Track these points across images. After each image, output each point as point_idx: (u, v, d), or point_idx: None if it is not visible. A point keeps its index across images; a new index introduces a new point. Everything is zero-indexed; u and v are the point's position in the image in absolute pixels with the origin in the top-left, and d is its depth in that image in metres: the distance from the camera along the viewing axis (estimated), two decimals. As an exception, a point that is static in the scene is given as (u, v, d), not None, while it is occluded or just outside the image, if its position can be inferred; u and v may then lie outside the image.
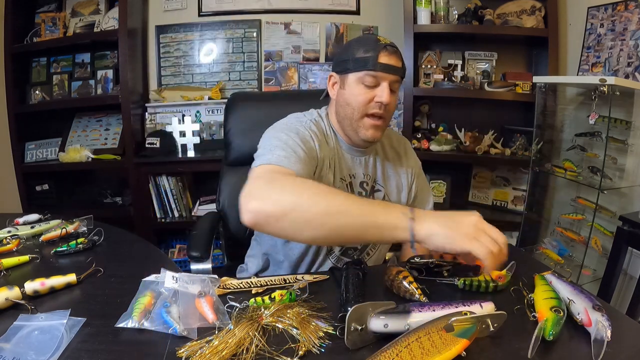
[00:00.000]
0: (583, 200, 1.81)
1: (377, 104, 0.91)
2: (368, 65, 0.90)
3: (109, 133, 2.30)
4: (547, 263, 1.66)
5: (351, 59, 0.93)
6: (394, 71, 0.92)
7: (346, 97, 0.94)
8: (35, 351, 0.57)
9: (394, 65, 0.92)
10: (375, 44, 0.93)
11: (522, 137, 2.12)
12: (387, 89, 0.91)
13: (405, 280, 0.71)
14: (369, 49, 0.92)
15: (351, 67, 0.92)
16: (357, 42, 0.97)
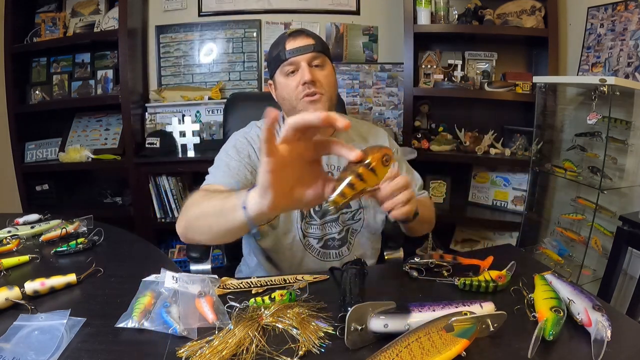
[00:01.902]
0: (583, 200, 1.81)
1: (303, 85, 0.96)
2: (280, 57, 0.98)
3: (109, 133, 2.30)
4: (547, 263, 1.66)
5: (271, 61, 1.02)
6: (304, 50, 0.97)
7: (281, 94, 1.01)
8: (35, 351, 0.57)
9: (303, 45, 0.97)
10: (281, 37, 1.01)
11: (522, 137, 2.12)
12: (306, 68, 0.96)
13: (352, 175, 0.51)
14: (278, 44, 1.00)
15: (273, 67, 1.01)
16: (271, 45, 1.05)
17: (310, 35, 1.00)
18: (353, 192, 0.50)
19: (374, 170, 0.49)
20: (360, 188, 0.50)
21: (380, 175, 0.50)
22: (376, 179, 0.51)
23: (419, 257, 0.83)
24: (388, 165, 0.51)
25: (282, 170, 0.47)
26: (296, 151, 0.49)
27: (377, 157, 0.49)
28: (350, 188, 0.49)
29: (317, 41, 1.00)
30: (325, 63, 1.01)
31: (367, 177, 0.49)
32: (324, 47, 1.01)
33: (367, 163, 0.49)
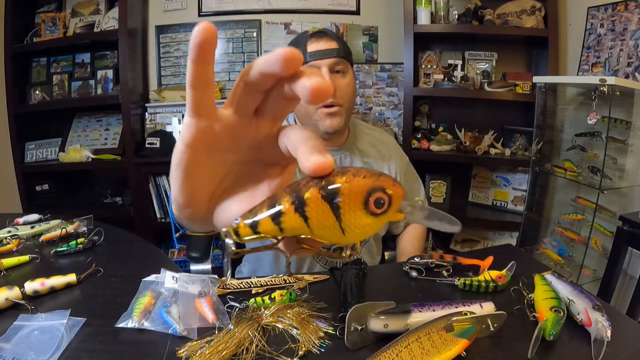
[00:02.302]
0: (583, 200, 1.81)
1: None
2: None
3: (109, 133, 2.30)
4: (547, 263, 1.66)
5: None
6: (326, 54, 0.90)
7: None
8: (35, 351, 0.57)
9: (326, 48, 0.90)
10: (302, 36, 0.94)
11: (522, 137, 2.12)
12: (327, 75, 0.90)
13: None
14: (298, 44, 0.93)
15: None
16: (290, 43, 0.98)
17: (334, 38, 0.94)
18: (273, 231, 0.26)
19: (336, 209, 0.25)
20: (291, 231, 0.26)
21: (349, 223, 0.25)
22: (333, 229, 0.26)
23: (419, 257, 0.83)
24: (378, 215, 0.26)
25: (213, 150, 0.27)
26: (246, 133, 0.28)
27: (356, 188, 0.25)
28: (273, 222, 0.26)
29: (341, 45, 0.94)
30: (347, 70, 0.96)
31: (316, 214, 0.25)
32: (347, 52, 0.96)
33: (331, 188, 0.25)
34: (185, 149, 0.26)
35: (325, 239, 0.27)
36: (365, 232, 0.27)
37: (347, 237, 0.26)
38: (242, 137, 0.28)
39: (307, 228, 0.26)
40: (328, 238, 0.27)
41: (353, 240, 0.27)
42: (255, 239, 0.27)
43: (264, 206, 0.26)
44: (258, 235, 0.27)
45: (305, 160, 0.24)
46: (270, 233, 0.27)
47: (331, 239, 0.27)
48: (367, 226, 0.26)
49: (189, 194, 0.28)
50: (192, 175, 0.28)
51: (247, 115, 0.27)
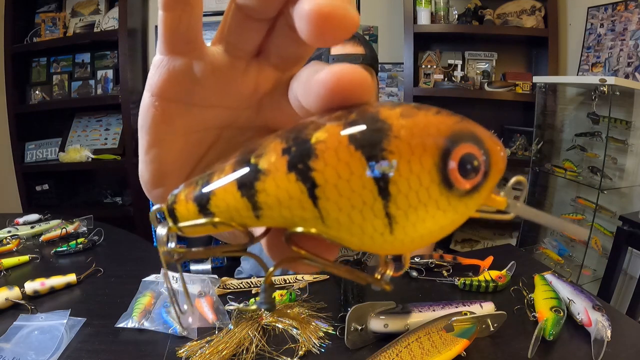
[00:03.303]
0: (583, 200, 1.81)
1: None
2: (321, 60, 0.86)
3: (109, 133, 2.30)
4: (547, 263, 1.66)
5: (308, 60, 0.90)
6: (352, 59, 0.83)
7: None
8: (35, 351, 0.57)
9: (352, 53, 0.84)
10: None
11: (522, 137, 2.12)
12: None
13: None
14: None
15: None
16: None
17: (361, 43, 0.87)
18: (239, 211, 0.15)
19: (382, 172, 0.13)
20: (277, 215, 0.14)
21: (407, 205, 0.14)
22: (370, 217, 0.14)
23: (419, 257, 0.83)
24: (465, 192, 0.14)
25: (192, 101, 0.19)
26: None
27: (425, 131, 0.14)
28: (240, 193, 0.14)
29: (368, 51, 0.87)
30: (372, 77, 0.88)
31: (336, 178, 0.13)
32: (373, 58, 0.89)
33: (375, 124, 0.13)
34: (153, 99, 0.18)
35: (349, 240, 0.14)
36: (433, 229, 0.14)
37: (397, 237, 0.14)
38: (234, 86, 0.19)
39: (313, 209, 0.14)
40: (355, 236, 0.14)
41: (406, 244, 0.14)
42: (204, 226, 0.15)
43: (227, 164, 0.15)
44: (209, 218, 0.15)
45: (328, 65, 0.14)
46: (235, 216, 0.15)
47: (363, 240, 0.14)
48: (441, 216, 0.14)
49: (157, 166, 0.20)
50: (161, 139, 0.19)
51: (243, 55, 0.18)
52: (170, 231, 0.16)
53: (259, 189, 0.14)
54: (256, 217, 0.14)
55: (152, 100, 0.18)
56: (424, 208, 0.14)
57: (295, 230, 0.14)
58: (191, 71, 0.18)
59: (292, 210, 0.14)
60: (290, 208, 0.14)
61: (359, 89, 0.14)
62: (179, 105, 0.19)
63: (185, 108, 0.19)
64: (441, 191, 0.14)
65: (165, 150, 0.20)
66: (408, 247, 0.15)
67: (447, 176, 0.13)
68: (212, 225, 0.15)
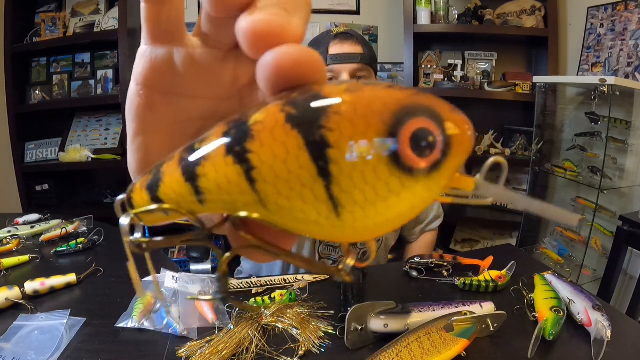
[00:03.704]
0: (583, 200, 1.81)
1: None
2: None
3: (109, 133, 2.30)
4: (547, 263, 1.66)
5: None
6: (349, 59, 0.83)
7: None
8: (35, 351, 0.57)
9: (350, 53, 0.83)
10: (325, 36, 0.88)
11: (522, 137, 2.12)
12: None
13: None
14: (320, 44, 0.86)
15: None
16: (311, 42, 0.91)
17: (359, 42, 0.87)
18: (185, 197, 0.15)
19: (321, 149, 0.12)
20: (218, 200, 0.14)
21: (351, 186, 0.13)
22: (311, 199, 0.13)
23: (419, 257, 0.83)
24: (420, 170, 0.13)
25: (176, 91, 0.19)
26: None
27: (369, 105, 0.13)
28: (184, 180, 0.15)
29: (366, 50, 0.87)
30: (370, 77, 0.89)
31: (272, 158, 0.13)
32: (372, 58, 0.89)
33: (312, 102, 0.13)
34: (138, 88, 0.19)
35: (295, 226, 0.14)
36: (389, 213, 0.13)
37: (346, 222, 0.13)
38: (214, 77, 0.19)
39: (251, 193, 0.13)
40: (300, 222, 0.13)
41: (360, 231, 0.13)
42: (155, 213, 0.15)
43: (177, 152, 0.15)
44: (159, 206, 0.15)
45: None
46: (182, 202, 0.15)
47: (308, 226, 0.13)
48: (395, 199, 0.13)
49: (143, 155, 0.20)
50: (146, 127, 0.20)
51: (220, 47, 0.18)
52: (132, 221, 0.16)
53: (199, 173, 0.14)
54: (200, 203, 0.14)
55: (137, 89, 0.19)
56: (372, 190, 0.12)
57: (238, 215, 0.14)
58: (173, 61, 0.18)
59: (232, 195, 0.13)
60: (230, 192, 0.13)
61: (304, 68, 0.14)
62: (162, 94, 0.19)
63: (169, 97, 0.19)
64: (391, 171, 0.12)
65: (150, 139, 0.20)
66: (363, 233, 0.14)
67: (397, 154, 0.12)
68: (163, 212, 0.15)
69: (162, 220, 0.17)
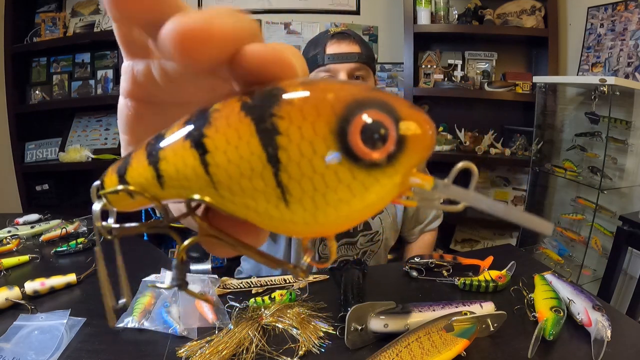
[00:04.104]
0: (583, 200, 1.81)
1: None
2: (317, 60, 0.84)
3: (109, 133, 2.30)
4: (547, 263, 1.65)
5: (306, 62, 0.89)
6: (347, 58, 0.83)
7: None
8: (35, 351, 0.57)
9: (347, 52, 0.84)
10: (322, 36, 0.88)
11: (522, 137, 2.12)
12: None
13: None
14: (318, 44, 0.86)
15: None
16: (309, 42, 0.92)
17: (357, 42, 0.87)
18: (147, 180, 0.15)
19: (270, 135, 0.13)
20: (176, 183, 0.15)
21: (299, 173, 0.13)
22: (260, 186, 0.13)
23: (419, 257, 0.83)
24: (372, 162, 0.13)
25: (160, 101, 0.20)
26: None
27: (321, 96, 0.13)
28: (148, 163, 0.15)
29: (364, 49, 0.87)
30: (368, 76, 0.89)
31: (225, 143, 0.13)
32: (369, 57, 0.89)
33: (266, 92, 0.14)
34: (126, 101, 0.20)
35: (247, 213, 0.14)
36: (339, 206, 0.13)
37: (296, 213, 0.13)
38: (192, 84, 0.19)
39: (205, 177, 0.13)
40: (251, 210, 0.13)
41: (310, 226, 0.13)
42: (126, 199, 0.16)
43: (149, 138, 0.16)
44: (124, 187, 0.16)
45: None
46: (145, 185, 0.15)
47: (261, 215, 0.13)
48: (345, 190, 0.13)
49: None
50: (138, 138, 0.20)
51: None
52: (105, 207, 0.17)
53: (160, 156, 0.14)
54: (160, 186, 0.15)
55: (125, 102, 0.20)
56: (321, 179, 0.12)
57: (191, 197, 0.14)
58: (151, 72, 0.18)
59: (189, 179, 0.14)
60: (187, 177, 0.14)
61: (270, 65, 0.14)
62: (148, 105, 0.20)
63: (155, 107, 0.20)
64: (341, 161, 0.12)
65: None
66: (316, 227, 0.13)
67: (348, 145, 0.12)
68: (128, 194, 0.16)
69: (133, 206, 0.17)
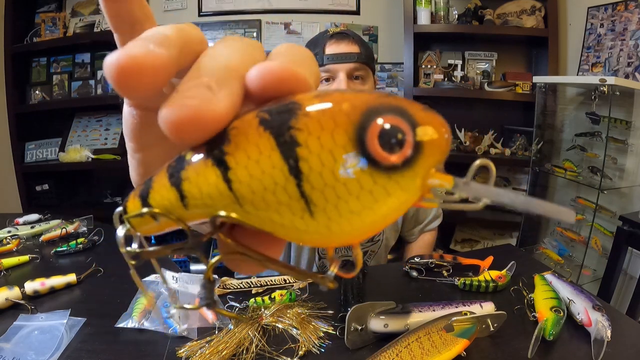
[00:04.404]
0: (583, 200, 1.81)
1: None
2: (316, 60, 0.84)
3: (109, 133, 2.30)
4: (547, 263, 1.65)
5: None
6: (345, 58, 0.83)
7: None
8: (35, 351, 0.57)
9: (346, 52, 0.84)
10: (322, 36, 0.88)
11: (522, 137, 2.12)
12: (344, 81, 0.84)
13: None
14: (317, 44, 0.87)
15: None
16: (308, 42, 0.92)
17: (356, 41, 0.87)
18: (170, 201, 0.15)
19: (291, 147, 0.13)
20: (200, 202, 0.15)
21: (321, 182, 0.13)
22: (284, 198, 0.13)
23: (419, 257, 0.83)
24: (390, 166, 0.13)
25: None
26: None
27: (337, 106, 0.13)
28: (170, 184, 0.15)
29: (363, 49, 0.87)
30: (368, 76, 0.89)
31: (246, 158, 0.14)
32: (368, 57, 0.88)
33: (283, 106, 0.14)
34: (131, 109, 0.20)
35: (273, 227, 0.14)
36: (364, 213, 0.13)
37: (320, 222, 0.13)
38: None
39: (228, 193, 0.14)
40: (277, 223, 0.14)
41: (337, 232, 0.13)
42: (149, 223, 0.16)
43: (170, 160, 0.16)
44: (149, 210, 0.15)
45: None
46: (168, 207, 0.15)
47: (286, 228, 0.14)
48: (368, 197, 0.13)
49: (144, 169, 0.21)
50: (144, 144, 0.21)
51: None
52: (128, 232, 0.16)
53: (183, 177, 0.14)
54: (185, 207, 0.15)
55: (130, 111, 0.20)
56: (343, 187, 0.13)
57: (217, 214, 0.14)
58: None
59: (212, 198, 0.14)
60: (211, 195, 0.14)
61: (284, 83, 0.14)
62: (153, 113, 0.19)
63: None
64: (362, 167, 0.13)
65: (149, 154, 0.21)
66: (342, 236, 0.14)
67: (367, 151, 0.13)
68: (152, 217, 0.15)
69: (157, 230, 0.17)
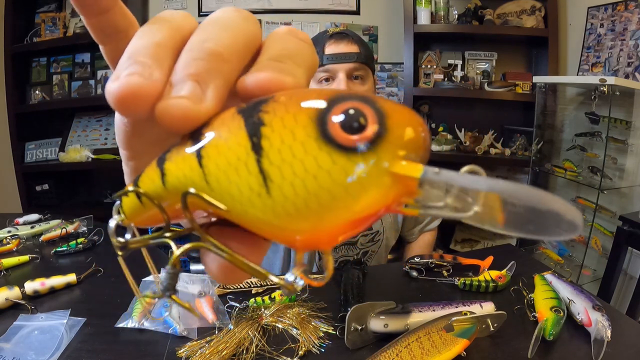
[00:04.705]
0: (583, 200, 1.81)
1: None
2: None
3: (109, 133, 2.30)
4: (547, 263, 1.65)
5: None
6: (345, 58, 0.84)
7: None
8: (35, 351, 0.57)
9: (345, 52, 0.84)
10: (321, 36, 0.88)
11: (522, 137, 2.12)
12: (344, 81, 0.84)
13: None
14: (316, 45, 0.87)
15: None
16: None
17: (355, 41, 0.87)
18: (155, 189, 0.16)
19: (256, 128, 0.14)
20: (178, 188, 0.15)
21: (279, 159, 0.13)
22: (245, 177, 0.14)
23: (419, 257, 0.83)
24: (351, 146, 0.13)
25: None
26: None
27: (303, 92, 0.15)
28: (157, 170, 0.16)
29: (362, 49, 0.87)
30: (367, 76, 0.89)
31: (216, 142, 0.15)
32: (368, 57, 0.89)
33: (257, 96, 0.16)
34: (121, 117, 0.20)
35: (233, 205, 0.14)
36: (321, 196, 0.13)
37: (276, 200, 0.13)
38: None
39: (198, 169, 0.14)
40: (236, 200, 0.14)
41: (290, 212, 0.13)
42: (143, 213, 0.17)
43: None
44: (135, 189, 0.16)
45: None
46: (151, 186, 0.16)
47: (245, 207, 0.14)
48: (325, 176, 0.13)
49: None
50: (137, 151, 0.21)
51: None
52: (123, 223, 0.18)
53: (166, 158, 0.16)
54: (164, 185, 0.15)
55: (121, 118, 0.20)
56: (300, 164, 0.13)
57: (188, 191, 0.15)
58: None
59: (185, 175, 0.15)
60: (184, 172, 0.15)
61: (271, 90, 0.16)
62: (145, 121, 0.20)
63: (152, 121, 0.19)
64: (320, 145, 0.13)
65: (142, 161, 0.21)
66: (298, 221, 0.13)
67: (327, 130, 0.13)
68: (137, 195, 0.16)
69: (150, 221, 0.17)
